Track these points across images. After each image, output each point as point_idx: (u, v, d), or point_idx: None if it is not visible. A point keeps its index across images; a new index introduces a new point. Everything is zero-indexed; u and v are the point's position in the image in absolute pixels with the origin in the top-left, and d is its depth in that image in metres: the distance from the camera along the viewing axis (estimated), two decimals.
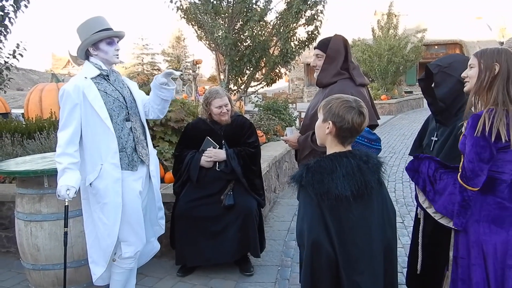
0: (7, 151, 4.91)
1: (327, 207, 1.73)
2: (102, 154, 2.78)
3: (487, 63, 2.07)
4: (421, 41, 21.84)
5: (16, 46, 5.62)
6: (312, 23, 7.62)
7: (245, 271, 3.68)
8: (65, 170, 2.67)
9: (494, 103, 2.03)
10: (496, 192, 2.09)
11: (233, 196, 3.55)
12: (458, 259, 2.19)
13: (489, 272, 2.10)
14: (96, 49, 2.84)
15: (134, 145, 2.95)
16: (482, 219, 2.09)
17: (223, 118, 3.68)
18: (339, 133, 1.83)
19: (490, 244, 2.09)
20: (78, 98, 2.73)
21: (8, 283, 3.72)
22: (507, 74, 2.03)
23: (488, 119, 1.97)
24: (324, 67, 2.92)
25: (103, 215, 2.83)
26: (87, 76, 2.81)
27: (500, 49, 2.11)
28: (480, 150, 1.99)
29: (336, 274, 1.73)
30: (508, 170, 2.07)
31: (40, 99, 10.39)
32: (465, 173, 2.06)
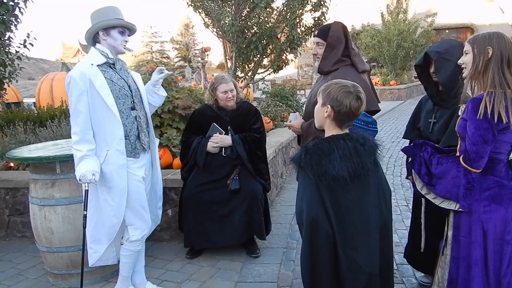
0: (20, 138, 5.05)
1: (325, 187, 1.81)
2: (108, 141, 2.85)
3: (480, 47, 2.13)
4: (431, 26, 21.57)
5: (26, 36, 5.71)
6: (319, 9, 7.61)
7: (251, 253, 3.78)
8: (84, 157, 2.75)
9: (492, 86, 2.09)
10: (495, 172, 2.16)
11: (239, 181, 3.64)
12: (459, 238, 2.26)
13: (488, 249, 2.18)
14: (106, 34, 2.88)
15: (138, 133, 3.01)
16: (483, 198, 2.17)
17: (228, 103, 3.74)
18: (337, 117, 1.90)
19: (490, 222, 2.16)
20: (84, 85, 2.77)
21: (24, 266, 3.87)
22: (500, 57, 2.09)
23: (489, 102, 2.02)
24: (325, 55, 2.96)
25: (109, 197, 2.91)
26: (93, 63, 2.84)
27: (491, 33, 2.17)
28: (483, 133, 2.06)
29: (334, 250, 1.81)
30: (504, 150, 2.14)
31: (51, 88, 10.56)
32: (468, 156, 2.12)
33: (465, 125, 2.16)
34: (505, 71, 2.10)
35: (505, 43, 2.12)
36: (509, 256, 2.20)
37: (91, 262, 3.06)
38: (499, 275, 2.19)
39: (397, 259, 3.63)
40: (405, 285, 3.23)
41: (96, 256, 3.05)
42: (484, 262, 2.20)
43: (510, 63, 2.11)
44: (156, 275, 3.50)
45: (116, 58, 3.00)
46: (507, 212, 2.16)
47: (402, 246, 3.87)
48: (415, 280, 3.28)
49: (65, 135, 4.88)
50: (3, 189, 4.49)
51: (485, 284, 2.20)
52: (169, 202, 4.16)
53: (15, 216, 4.52)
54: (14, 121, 5.38)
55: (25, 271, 3.77)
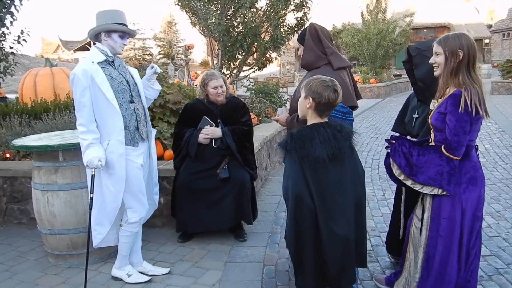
0: (16, 131, 5.24)
1: (307, 168, 2.13)
2: (109, 131, 3.13)
3: (452, 50, 2.40)
4: (409, 25, 22.14)
5: (20, 32, 5.89)
6: (301, 10, 7.95)
7: (239, 237, 4.09)
8: (90, 145, 3.02)
9: (462, 84, 2.39)
10: (470, 157, 2.47)
11: (228, 170, 3.94)
12: (439, 219, 2.53)
13: (464, 226, 2.49)
14: (108, 36, 3.16)
15: (137, 124, 3.29)
16: (463, 181, 2.46)
17: (218, 98, 4.03)
18: (317, 107, 2.22)
19: (468, 201, 2.46)
20: (86, 81, 3.03)
21: (24, 249, 4.09)
22: (467, 59, 2.38)
23: (468, 97, 2.32)
24: (305, 56, 3.23)
25: (109, 183, 3.19)
26: (94, 60, 3.12)
27: (460, 34, 2.43)
28: (464, 124, 2.34)
29: (315, 221, 2.14)
30: (475, 137, 2.47)
31: (35, 83, 10.51)
32: (450, 145, 2.40)
33: (442, 118, 2.43)
34: (471, 70, 2.40)
35: (472, 44, 2.40)
36: (477, 230, 2.55)
37: (95, 243, 3.33)
38: (469, 246, 2.52)
39: (373, 241, 4.00)
40: (379, 263, 3.58)
41: (99, 238, 3.32)
42: (460, 239, 2.51)
43: (474, 62, 2.42)
44: (151, 257, 3.76)
45: (115, 56, 3.27)
46: (480, 191, 2.49)
47: (377, 230, 4.25)
48: (388, 259, 3.63)
49: (60, 127, 5.09)
50: (1, 178, 4.68)
51: (458, 257, 2.52)
52: (161, 191, 4.38)
53: (12, 203, 4.72)
54: (10, 114, 5.57)
55: (25, 253, 3.99)
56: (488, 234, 4.03)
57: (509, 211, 4.61)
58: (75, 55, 53.56)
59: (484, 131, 9.42)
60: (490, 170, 6.37)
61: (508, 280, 3.19)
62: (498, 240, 3.90)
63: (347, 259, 2.18)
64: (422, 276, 2.61)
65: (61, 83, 10.45)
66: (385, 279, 3.04)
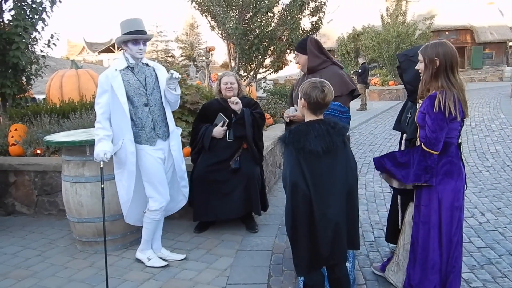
0: (46, 128, 5.65)
1: (303, 159, 2.41)
2: (123, 131, 3.53)
3: (430, 58, 2.70)
4: (429, 28, 22.07)
5: (50, 36, 6.33)
6: (316, 14, 8.20)
7: (250, 229, 4.39)
8: (100, 140, 3.43)
9: (441, 87, 2.67)
10: (448, 153, 2.74)
11: (239, 162, 4.25)
12: (420, 207, 2.83)
13: (442, 215, 2.76)
14: (125, 46, 3.55)
15: (153, 125, 3.64)
16: (439, 173, 2.73)
17: (228, 93, 4.39)
18: (309, 106, 2.51)
19: (444, 192, 2.74)
20: (107, 86, 3.47)
21: (54, 237, 4.48)
22: (445, 65, 2.66)
23: (442, 99, 2.60)
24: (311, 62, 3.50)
25: (123, 178, 3.65)
26: (117, 68, 3.53)
27: (438, 43, 2.73)
28: (440, 122, 2.63)
29: (309, 206, 2.41)
30: (454, 135, 2.73)
31: (61, 84, 10.97)
32: (429, 141, 2.68)
33: (423, 116, 2.72)
34: (450, 75, 2.67)
35: (448, 51, 2.67)
36: (458, 219, 2.80)
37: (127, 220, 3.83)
38: (450, 234, 2.78)
39: (375, 233, 4.25)
40: (379, 253, 3.83)
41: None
42: (439, 225, 2.78)
43: (453, 67, 2.68)
44: (169, 245, 4.07)
45: (137, 63, 3.61)
46: (456, 183, 2.75)
47: (381, 224, 4.49)
48: (388, 249, 3.89)
49: (86, 125, 5.47)
50: (33, 172, 5.10)
51: (439, 242, 2.79)
52: None
53: (43, 196, 5.13)
54: (40, 113, 5.99)
55: (55, 240, 4.37)
56: (485, 229, 4.24)
57: (509, 208, 4.80)
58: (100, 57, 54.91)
59: (498, 133, 9.51)
60: (498, 170, 6.52)
61: (499, 269, 3.41)
62: (495, 234, 4.10)
63: (337, 241, 2.44)
64: (410, 259, 2.90)
65: (86, 84, 10.91)
66: (380, 265, 3.30)
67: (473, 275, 3.34)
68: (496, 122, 11.07)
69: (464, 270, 3.39)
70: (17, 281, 3.51)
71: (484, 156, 7.56)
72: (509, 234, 4.09)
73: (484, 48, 31.44)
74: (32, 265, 3.81)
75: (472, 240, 4.01)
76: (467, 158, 7.39)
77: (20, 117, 6.19)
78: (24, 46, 5.73)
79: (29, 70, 6.10)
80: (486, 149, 8.11)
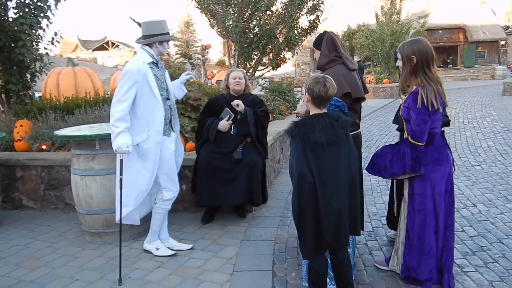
0: (51, 124, 5.78)
1: (309, 150, 2.58)
2: (149, 123, 3.62)
3: (407, 56, 2.89)
4: (422, 26, 22.32)
5: (54, 34, 6.45)
6: (314, 13, 8.38)
7: (240, 216, 4.67)
8: (121, 132, 3.46)
9: (421, 83, 2.85)
10: (434, 142, 2.94)
11: (242, 152, 4.42)
12: (414, 196, 3.02)
13: (436, 200, 2.95)
14: (160, 44, 3.70)
15: (170, 118, 3.82)
16: (429, 162, 2.93)
17: (237, 87, 4.59)
18: (313, 100, 2.68)
19: (436, 179, 2.94)
20: (138, 77, 3.52)
21: (62, 229, 4.61)
22: (421, 62, 2.83)
23: (424, 94, 2.80)
24: (320, 60, 3.66)
25: (144, 168, 3.68)
26: (144, 61, 3.63)
27: (413, 41, 2.91)
28: (423, 116, 2.83)
29: (314, 194, 2.58)
30: (437, 125, 2.94)
31: (58, 82, 11.05)
32: (415, 134, 2.89)
33: (407, 111, 2.92)
34: (427, 70, 2.85)
35: (424, 48, 2.85)
36: (451, 202, 3.00)
37: (117, 219, 3.76)
38: (445, 218, 2.97)
39: (373, 224, 4.44)
40: (377, 241, 4.02)
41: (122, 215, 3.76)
42: (434, 212, 2.97)
43: (429, 63, 2.85)
44: (175, 236, 4.21)
45: (157, 59, 3.79)
46: (445, 169, 2.96)
47: (378, 215, 4.69)
48: (386, 238, 4.08)
49: (90, 121, 5.61)
50: (40, 167, 5.23)
51: (435, 227, 2.97)
52: (183, 179, 4.89)
53: (49, 190, 5.26)
54: (45, 109, 6.12)
55: (64, 232, 4.51)
56: (477, 219, 4.45)
57: (500, 200, 5.01)
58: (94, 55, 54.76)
59: (489, 130, 9.75)
60: (489, 164, 6.74)
61: (490, 255, 3.61)
62: (486, 224, 4.31)
63: (340, 226, 2.61)
64: (406, 246, 3.10)
65: (83, 82, 11.01)
66: (385, 260, 3.46)
67: (466, 261, 3.54)
68: (488, 119, 11.33)
69: (458, 257, 3.59)
70: (31, 270, 3.65)
71: (477, 151, 7.79)
72: (500, 224, 4.30)
73: (477, 46, 31.75)
74: (44, 255, 3.95)
75: (465, 229, 4.21)
76: (460, 154, 7.62)
77: (25, 113, 6.32)
78: (29, 44, 5.86)
79: (33, 67, 6.22)
80: (478, 144, 8.34)
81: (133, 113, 3.59)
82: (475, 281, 3.20)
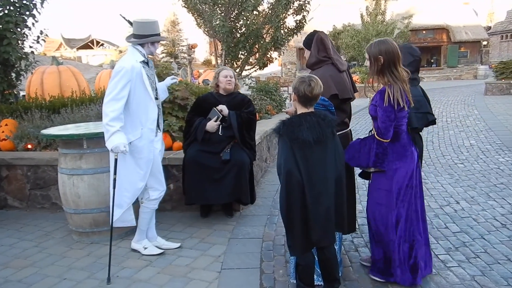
0: (36, 123, 5.74)
1: (296, 148, 2.63)
2: (143, 121, 3.63)
3: (374, 56, 2.96)
4: (407, 27, 22.60)
5: (39, 33, 6.40)
6: (300, 13, 8.45)
7: (228, 215, 4.71)
8: (117, 132, 3.45)
9: (387, 82, 2.92)
10: (400, 139, 3.03)
11: (230, 153, 4.44)
12: (377, 190, 3.11)
13: (396, 195, 3.02)
14: (151, 44, 3.72)
15: (158, 118, 3.82)
16: (394, 159, 3.01)
17: (228, 86, 4.59)
18: (299, 100, 2.74)
19: (399, 174, 3.01)
20: (132, 76, 3.52)
21: (49, 229, 4.59)
22: (388, 61, 2.90)
23: (390, 93, 2.87)
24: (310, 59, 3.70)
25: (138, 166, 3.67)
26: (137, 59, 3.63)
27: (380, 41, 2.97)
28: (389, 114, 2.91)
29: (302, 192, 2.63)
30: (403, 122, 3.01)
31: (42, 81, 10.88)
32: (380, 131, 2.97)
33: (375, 109, 3.01)
34: (393, 70, 2.92)
35: (390, 49, 2.91)
36: (414, 197, 3.07)
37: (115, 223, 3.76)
38: (406, 212, 3.03)
39: (359, 221, 4.51)
40: (363, 238, 4.09)
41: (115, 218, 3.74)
42: (395, 206, 3.04)
43: (395, 63, 2.92)
44: (163, 235, 4.21)
45: (148, 59, 3.80)
46: (409, 166, 3.03)
47: (364, 212, 4.71)
48: None
49: (77, 121, 5.58)
50: (26, 167, 5.19)
51: (395, 221, 3.03)
52: (170, 178, 4.91)
53: (35, 190, 5.22)
54: (31, 108, 6.06)
55: (51, 232, 4.49)
56: (460, 215, 4.56)
57: (482, 197, 5.14)
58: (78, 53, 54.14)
59: (472, 129, 9.95)
60: (471, 162, 6.90)
61: (472, 251, 3.71)
62: (469, 220, 4.42)
63: (327, 223, 2.68)
64: (370, 238, 3.24)
65: (68, 81, 10.86)
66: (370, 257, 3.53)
67: (449, 256, 3.63)
68: (470, 118, 11.55)
69: (441, 252, 3.69)
70: (18, 270, 3.63)
71: (459, 149, 7.94)
72: (482, 220, 4.41)
73: (460, 47, 32.28)
74: (31, 255, 3.93)
75: (448, 226, 4.31)
76: (443, 152, 7.76)
77: (10, 112, 6.26)
78: (15, 42, 5.81)
79: (18, 66, 6.17)
80: (461, 143, 8.50)
81: (126, 111, 3.58)
82: (458, 276, 3.29)
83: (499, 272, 3.33)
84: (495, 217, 4.48)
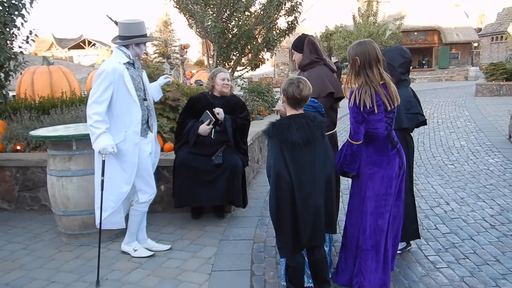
0: (26, 124, 5.69)
1: (286, 150, 2.63)
2: (126, 123, 3.58)
3: (352, 57, 2.94)
4: (398, 28, 22.72)
5: (29, 33, 6.34)
6: (292, 14, 8.46)
7: (219, 216, 4.69)
8: (103, 133, 3.43)
9: (363, 83, 2.89)
10: (375, 143, 2.95)
11: (222, 157, 4.41)
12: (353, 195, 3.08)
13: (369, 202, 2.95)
14: (136, 46, 3.68)
15: (147, 119, 3.78)
16: (368, 163, 2.95)
17: (224, 89, 4.52)
18: (288, 101, 2.74)
19: (373, 180, 2.94)
20: (114, 78, 3.49)
21: (38, 231, 4.54)
22: (364, 62, 2.87)
23: (358, 94, 2.84)
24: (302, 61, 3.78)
25: (122, 170, 3.64)
26: (120, 61, 3.59)
27: (358, 43, 2.95)
28: (355, 115, 2.87)
29: (292, 193, 2.63)
30: (380, 126, 2.92)
31: (32, 81, 10.78)
32: (350, 132, 2.94)
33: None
34: (368, 71, 2.88)
35: (366, 50, 2.87)
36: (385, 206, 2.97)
37: (97, 222, 3.69)
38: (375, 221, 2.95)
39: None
40: None
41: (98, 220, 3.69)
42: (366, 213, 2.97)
43: (371, 65, 2.88)
44: (153, 237, 4.19)
45: (134, 60, 3.76)
46: (385, 172, 2.94)
47: None
48: None
49: (67, 121, 5.54)
50: (14, 168, 5.12)
51: (365, 229, 2.97)
52: (161, 179, 4.89)
53: (24, 191, 5.17)
54: (20, 109, 6.01)
55: (40, 234, 4.44)
56: (450, 216, 4.58)
57: (472, 198, 5.17)
58: (69, 53, 53.83)
59: (462, 130, 10.03)
60: (462, 163, 6.95)
61: (461, 252, 3.74)
62: (458, 221, 4.44)
63: (317, 224, 2.68)
64: (342, 244, 3.18)
65: (59, 81, 10.77)
66: None
67: (438, 257, 3.64)
68: (461, 119, 11.64)
69: (431, 253, 3.71)
70: (5, 273, 3.59)
71: (450, 150, 7.99)
72: (471, 221, 4.44)
73: (451, 48, 32.53)
74: (19, 258, 3.88)
75: (438, 226, 4.33)
76: (434, 153, 7.80)
77: None
78: (3, 42, 5.75)
79: (7, 66, 6.11)
80: (452, 144, 8.56)
81: (109, 113, 3.55)
82: (447, 277, 3.30)
83: (488, 273, 3.35)
84: (484, 218, 4.51)
